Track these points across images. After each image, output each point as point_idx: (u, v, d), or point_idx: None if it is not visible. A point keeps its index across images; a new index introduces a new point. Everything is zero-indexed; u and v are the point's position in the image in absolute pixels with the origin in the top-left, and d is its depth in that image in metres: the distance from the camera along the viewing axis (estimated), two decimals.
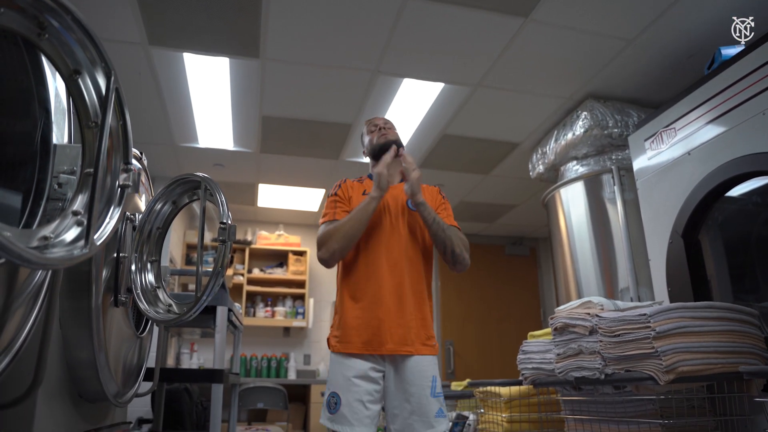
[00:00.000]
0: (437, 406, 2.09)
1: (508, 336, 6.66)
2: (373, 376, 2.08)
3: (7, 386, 1.24)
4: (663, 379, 2.02)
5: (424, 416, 2.03)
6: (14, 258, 0.69)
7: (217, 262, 1.68)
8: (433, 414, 2.05)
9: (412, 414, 2.04)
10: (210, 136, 4.47)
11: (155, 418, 3.41)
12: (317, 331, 6.33)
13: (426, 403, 2.05)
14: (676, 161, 2.76)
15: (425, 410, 2.04)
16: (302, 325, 6.15)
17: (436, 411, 2.07)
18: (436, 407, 2.09)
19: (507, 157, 4.82)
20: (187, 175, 1.94)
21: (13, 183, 1.11)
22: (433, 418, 2.04)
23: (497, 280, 7.07)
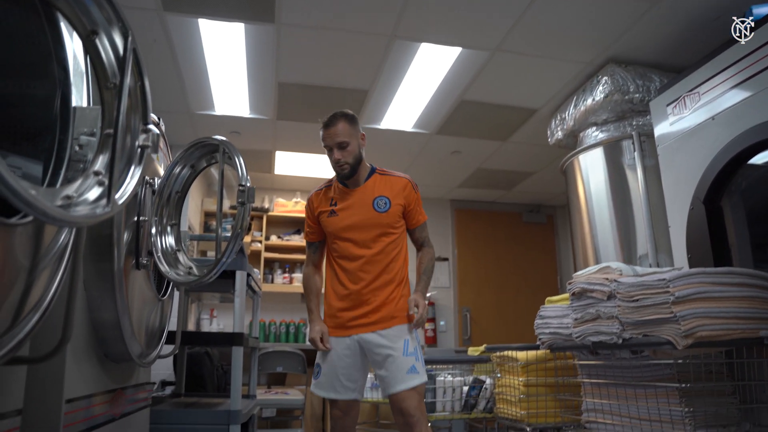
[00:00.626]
0: (409, 364, 2.39)
1: (524, 303, 6.67)
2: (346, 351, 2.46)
3: (38, 342, 1.29)
4: (681, 344, 2.02)
5: (399, 371, 2.36)
6: (40, 215, 0.71)
7: (236, 223, 1.69)
8: (406, 370, 2.37)
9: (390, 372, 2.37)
10: (226, 103, 4.46)
11: (177, 380, 3.50)
12: None
13: (400, 362, 2.37)
14: (699, 126, 2.70)
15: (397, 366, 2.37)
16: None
17: (408, 368, 2.38)
18: (408, 364, 2.38)
19: (525, 124, 4.76)
20: (205, 138, 1.95)
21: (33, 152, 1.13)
22: (405, 374, 2.36)
23: (514, 248, 7.06)
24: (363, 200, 2.54)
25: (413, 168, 5.90)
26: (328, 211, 2.57)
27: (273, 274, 6.21)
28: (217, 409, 2.67)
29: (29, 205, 0.68)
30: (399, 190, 2.55)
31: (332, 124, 2.49)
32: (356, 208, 2.53)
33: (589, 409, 2.66)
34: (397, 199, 2.54)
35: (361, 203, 2.53)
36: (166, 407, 2.77)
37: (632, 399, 2.38)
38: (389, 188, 2.56)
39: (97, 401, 1.80)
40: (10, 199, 0.69)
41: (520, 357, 3.14)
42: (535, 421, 3.04)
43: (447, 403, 3.63)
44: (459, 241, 6.92)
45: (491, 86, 4.12)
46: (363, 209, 2.52)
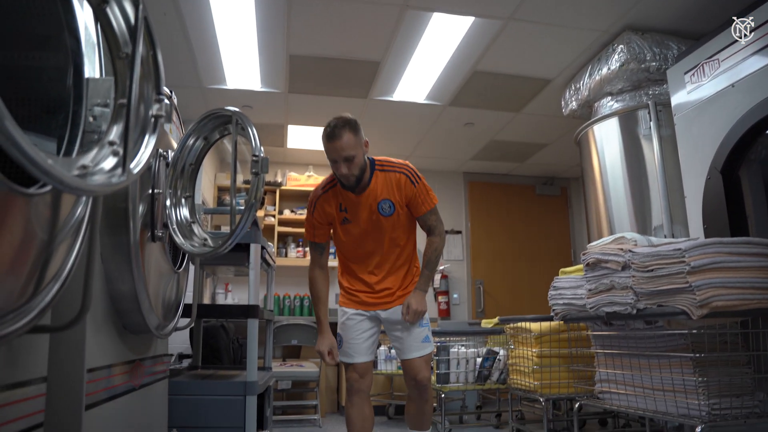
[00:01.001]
0: (423, 334, 2.56)
1: (538, 275, 6.67)
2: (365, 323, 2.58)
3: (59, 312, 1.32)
4: (696, 314, 2.02)
5: (416, 341, 2.53)
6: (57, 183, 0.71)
7: (250, 194, 1.70)
8: (420, 339, 2.55)
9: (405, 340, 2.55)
10: (237, 77, 4.44)
11: (194, 353, 3.56)
12: None
13: (416, 332, 2.54)
14: (718, 94, 2.65)
15: (416, 337, 2.54)
16: (333, 265, 6.22)
17: (423, 337, 2.56)
18: (423, 334, 2.56)
19: (539, 94, 4.70)
20: (218, 109, 1.94)
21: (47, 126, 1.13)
22: (420, 342, 2.54)
23: (527, 221, 7.03)
24: (369, 205, 2.50)
25: (426, 140, 5.87)
26: (341, 218, 2.52)
27: (287, 248, 6.24)
28: (234, 381, 2.71)
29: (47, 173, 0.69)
30: (399, 188, 2.51)
31: (337, 137, 2.31)
32: (364, 213, 2.51)
33: (602, 379, 2.67)
34: (399, 197, 2.51)
35: (368, 209, 2.50)
36: (184, 379, 2.83)
37: (645, 369, 2.39)
38: (389, 188, 2.51)
39: (117, 371, 1.84)
40: (28, 168, 0.70)
41: (533, 328, 3.15)
42: (548, 391, 3.06)
43: (461, 374, 3.66)
44: (472, 214, 6.90)
45: (504, 56, 4.06)
46: (370, 215, 2.51)
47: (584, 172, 4.11)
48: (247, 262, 2.84)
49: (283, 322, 5.01)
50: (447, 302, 6.46)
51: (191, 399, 2.63)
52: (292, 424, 4.77)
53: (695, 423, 2.08)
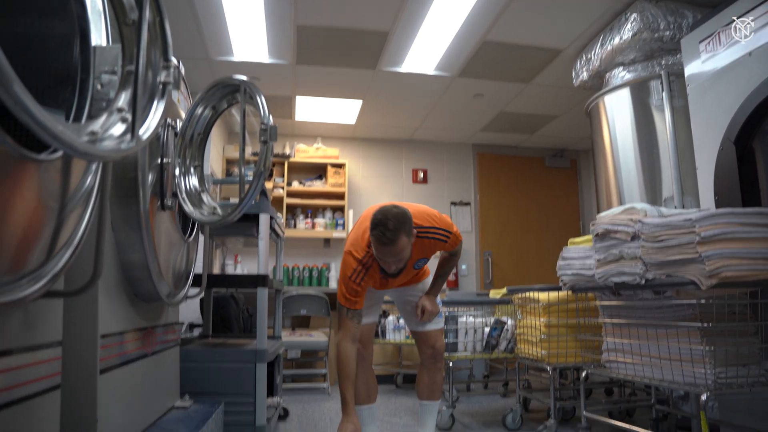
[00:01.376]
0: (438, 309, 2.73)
1: (546, 247, 6.67)
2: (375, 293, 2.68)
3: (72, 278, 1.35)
4: (705, 284, 2.02)
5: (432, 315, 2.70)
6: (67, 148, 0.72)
7: (259, 162, 1.70)
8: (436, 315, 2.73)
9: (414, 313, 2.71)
10: (245, 48, 4.41)
11: (205, 323, 3.60)
12: None
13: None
14: (733, 63, 2.60)
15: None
16: (342, 236, 6.29)
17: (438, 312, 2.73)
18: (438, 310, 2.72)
19: (549, 65, 4.63)
20: (225, 78, 1.94)
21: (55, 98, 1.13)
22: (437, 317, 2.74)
23: (536, 192, 7.01)
24: (407, 269, 2.56)
25: (435, 112, 5.82)
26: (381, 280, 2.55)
27: (295, 220, 6.27)
28: (245, 349, 2.75)
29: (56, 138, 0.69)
30: (432, 249, 2.57)
31: (392, 243, 2.24)
32: (401, 276, 2.59)
33: (609, 349, 2.69)
34: (431, 253, 2.61)
35: (405, 272, 2.58)
36: (195, 347, 2.87)
37: (653, 339, 2.40)
38: (424, 250, 2.54)
39: (130, 338, 1.88)
40: (38, 132, 0.70)
41: (541, 298, 3.17)
42: (555, 361, 3.09)
43: (468, 343, 3.70)
44: (481, 186, 6.88)
45: (515, 26, 4.00)
46: (406, 275, 2.62)
47: (594, 144, 4.07)
48: (256, 232, 2.85)
49: (293, 293, 5.06)
50: (455, 273, 6.49)
51: (202, 366, 2.67)
52: (301, 392, 4.86)
53: (700, 391, 2.10)
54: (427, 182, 6.79)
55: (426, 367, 2.75)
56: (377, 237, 2.24)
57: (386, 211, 2.27)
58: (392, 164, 6.76)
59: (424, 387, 2.75)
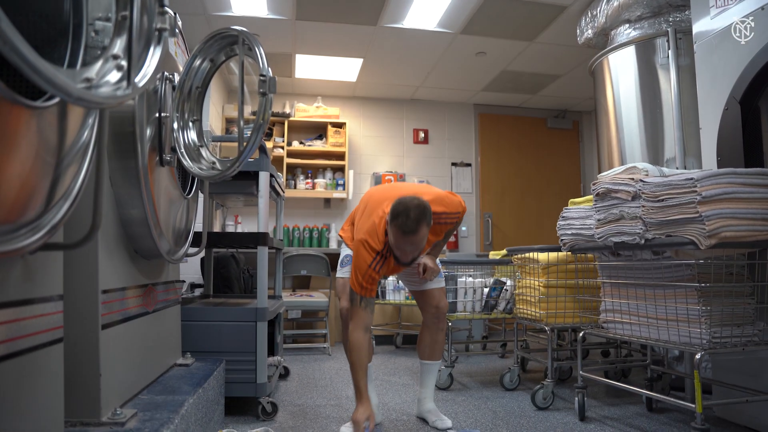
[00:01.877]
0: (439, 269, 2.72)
1: (546, 209, 6.68)
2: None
3: (71, 231, 1.34)
4: (704, 244, 2.02)
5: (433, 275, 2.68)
6: (62, 93, 0.70)
7: (258, 114, 1.68)
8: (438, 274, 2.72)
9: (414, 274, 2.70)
10: (243, 2, 4.31)
11: (206, 282, 3.63)
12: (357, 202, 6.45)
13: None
14: (744, 18, 2.54)
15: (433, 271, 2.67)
16: (342, 197, 6.28)
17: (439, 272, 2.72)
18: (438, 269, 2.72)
19: (554, 22, 4.54)
20: (223, 29, 1.89)
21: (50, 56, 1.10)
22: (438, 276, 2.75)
23: (537, 154, 6.97)
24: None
25: (436, 70, 5.74)
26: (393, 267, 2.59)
27: (296, 180, 6.25)
28: (245, 307, 2.78)
29: (51, 82, 0.67)
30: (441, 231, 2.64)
31: (414, 232, 2.30)
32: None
33: (607, 309, 2.71)
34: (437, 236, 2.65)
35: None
36: (197, 305, 2.89)
37: (650, 299, 2.41)
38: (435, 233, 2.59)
39: (131, 294, 1.88)
40: (32, 77, 0.68)
41: (541, 258, 3.17)
42: (553, 321, 3.11)
43: (468, 303, 3.72)
44: (482, 147, 6.84)
45: None
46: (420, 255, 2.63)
47: (597, 103, 4.02)
48: (256, 190, 2.84)
49: (293, 253, 5.08)
50: (455, 234, 6.50)
51: (203, 324, 2.70)
52: (302, 352, 4.92)
53: (695, 350, 2.12)
54: (428, 143, 6.74)
55: (428, 327, 2.77)
56: (399, 226, 2.29)
57: (407, 202, 2.31)
58: (393, 124, 6.69)
59: (426, 347, 2.77)
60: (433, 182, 6.66)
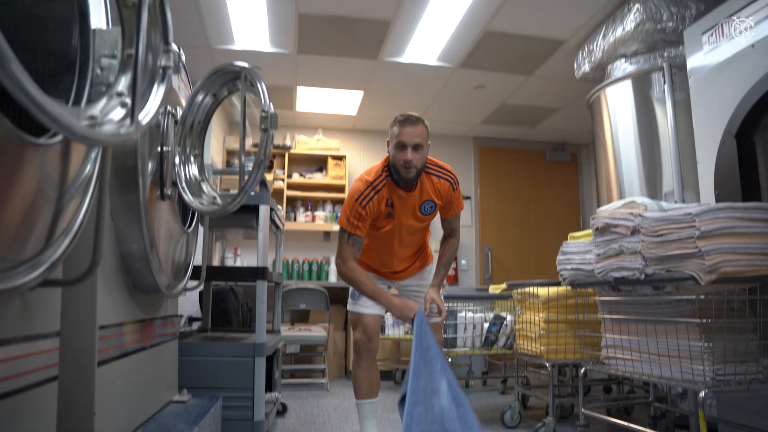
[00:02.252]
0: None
1: (546, 242, 6.67)
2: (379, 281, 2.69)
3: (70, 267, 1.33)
4: (705, 279, 2.01)
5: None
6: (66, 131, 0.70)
7: (259, 151, 1.68)
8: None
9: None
10: (246, 37, 4.38)
11: (204, 316, 3.60)
12: None
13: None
14: (736, 55, 2.58)
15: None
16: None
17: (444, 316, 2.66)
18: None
19: (551, 56, 4.61)
20: (226, 65, 1.92)
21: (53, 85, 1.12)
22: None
23: (537, 187, 7.00)
24: (413, 204, 2.56)
25: (436, 104, 5.80)
26: (386, 213, 2.53)
27: (295, 212, 6.26)
28: (243, 342, 2.75)
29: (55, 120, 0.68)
30: (443, 193, 2.59)
31: (413, 124, 2.42)
32: (407, 211, 2.56)
33: (608, 345, 2.68)
34: (440, 200, 2.60)
35: (411, 207, 2.57)
36: (194, 340, 2.86)
37: (652, 335, 2.39)
38: (434, 191, 2.58)
39: (128, 330, 1.87)
40: (38, 115, 0.69)
41: (541, 293, 3.16)
42: (554, 357, 3.08)
43: (467, 338, 3.69)
44: (481, 180, 6.87)
45: (517, 16, 3.98)
46: (411, 212, 2.57)
47: (595, 137, 4.05)
48: (256, 223, 2.84)
49: (292, 287, 5.05)
50: (455, 268, 6.48)
51: (201, 360, 2.67)
52: (300, 388, 4.85)
53: (699, 388, 2.09)
54: None
55: None
56: (402, 118, 2.43)
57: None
58: None
59: None
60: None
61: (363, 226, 2.47)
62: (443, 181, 2.57)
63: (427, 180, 2.55)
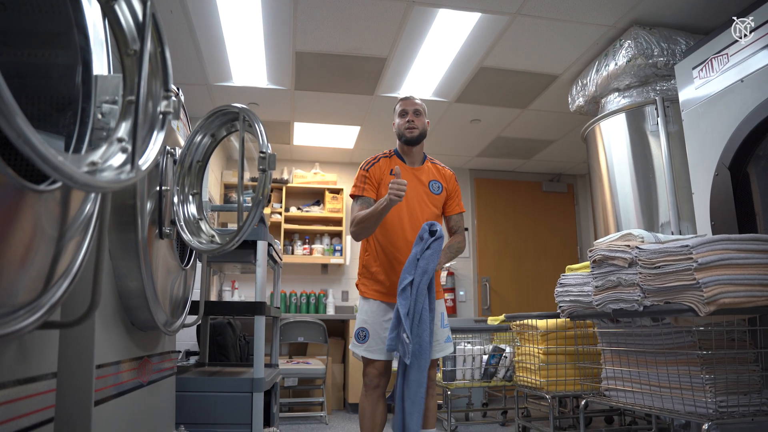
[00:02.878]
0: (446, 334, 2.70)
1: (544, 273, 6.67)
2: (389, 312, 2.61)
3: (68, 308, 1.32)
4: (703, 311, 2.01)
5: (437, 342, 2.62)
6: (67, 180, 0.72)
7: (257, 190, 1.70)
8: (443, 339, 2.68)
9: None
10: (244, 74, 4.45)
11: (201, 350, 3.57)
12: (354, 268, 6.43)
13: (440, 332, 2.66)
14: (726, 90, 2.64)
15: (437, 337, 2.62)
16: (340, 262, 6.27)
17: (445, 338, 2.69)
18: (446, 335, 2.70)
19: (546, 90, 4.69)
20: (225, 106, 1.95)
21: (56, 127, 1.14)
22: (443, 342, 2.68)
23: (534, 217, 7.02)
24: (421, 179, 2.75)
25: (432, 137, 5.86)
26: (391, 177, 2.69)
27: (293, 246, 6.26)
28: (241, 377, 2.73)
29: (57, 170, 0.69)
30: (448, 179, 2.83)
31: (411, 98, 2.80)
32: (415, 184, 2.73)
33: (608, 376, 2.67)
34: (446, 185, 2.79)
35: (419, 182, 2.74)
36: (192, 375, 2.84)
37: (652, 366, 2.38)
38: (441, 176, 2.82)
39: (126, 368, 1.85)
40: (39, 164, 0.70)
41: (539, 325, 3.15)
42: (554, 389, 3.06)
43: (467, 371, 3.66)
44: (478, 211, 6.90)
45: (511, 52, 4.05)
46: (421, 187, 2.74)
47: (591, 169, 4.09)
48: (254, 259, 2.85)
49: (290, 320, 5.02)
50: (453, 299, 6.46)
51: (199, 396, 2.64)
52: (298, 421, 4.79)
53: (702, 421, 2.08)
54: None
55: None
56: (401, 98, 2.83)
57: None
58: None
59: None
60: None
61: (367, 188, 2.70)
62: (447, 169, 2.86)
63: (433, 166, 2.83)
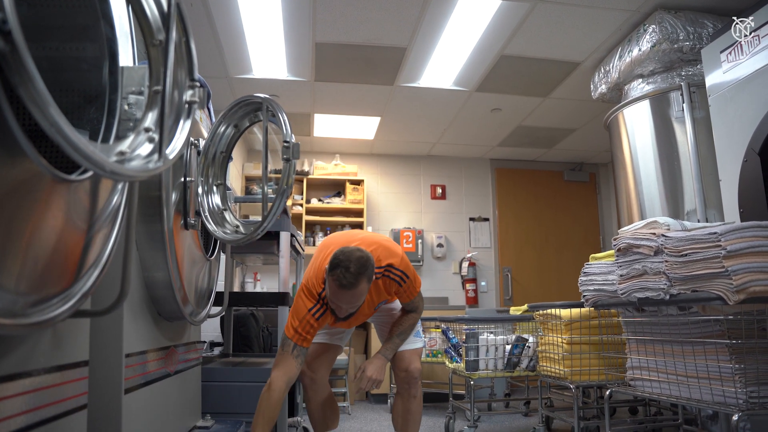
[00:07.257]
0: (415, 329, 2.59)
1: (566, 262, 6.61)
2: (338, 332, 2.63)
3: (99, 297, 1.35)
4: (732, 299, 1.97)
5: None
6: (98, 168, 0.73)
7: (282, 180, 1.71)
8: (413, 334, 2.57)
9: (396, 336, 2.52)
10: (264, 66, 4.47)
11: (225, 341, 3.62)
12: None
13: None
14: (757, 72, 2.57)
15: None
16: None
17: (415, 332, 2.58)
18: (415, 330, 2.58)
19: (567, 78, 4.62)
20: (248, 96, 1.96)
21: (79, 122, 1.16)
22: (413, 337, 2.57)
23: (555, 207, 6.96)
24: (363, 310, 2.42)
25: (453, 127, 5.83)
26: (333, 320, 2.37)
27: (314, 237, 6.29)
28: (265, 368, 2.75)
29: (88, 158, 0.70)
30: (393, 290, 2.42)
31: (352, 287, 2.09)
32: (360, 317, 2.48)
33: (633, 366, 2.64)
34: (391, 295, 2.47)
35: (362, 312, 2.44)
36: (216, 366, 2.88)
37: (679, 356, 2.34)
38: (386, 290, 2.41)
39: (153, 357, 1.88)
40: (71, 153, 0.71)
41: (563, 315, 3.12)
42: (578, 378, 3.04)
43: (490, 361, 3.65)
44: (499, 201, 6.85)
45: (532, 39, 4.00)
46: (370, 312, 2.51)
47: (614, 157, 4.04)
48: (277, 249, 2.87)
49: None
50: (475, 290, 6.44)
51: (224, 386, 2.68)
52: None
53: (732, 411, 2.04)
54: (446, 198, 6.77)
55: (400, 394, 2.54)
56: (337, 278, 2.08)
57: (349, 253, 2.11)
58: (410, 180, 6.76)
59: (398, 417, 2.55)
60: (452, 237, 6.67)
61: (311, 338, 2.26)
62: (389, 280, 2.36)
63: (374, 286, 2.33)
